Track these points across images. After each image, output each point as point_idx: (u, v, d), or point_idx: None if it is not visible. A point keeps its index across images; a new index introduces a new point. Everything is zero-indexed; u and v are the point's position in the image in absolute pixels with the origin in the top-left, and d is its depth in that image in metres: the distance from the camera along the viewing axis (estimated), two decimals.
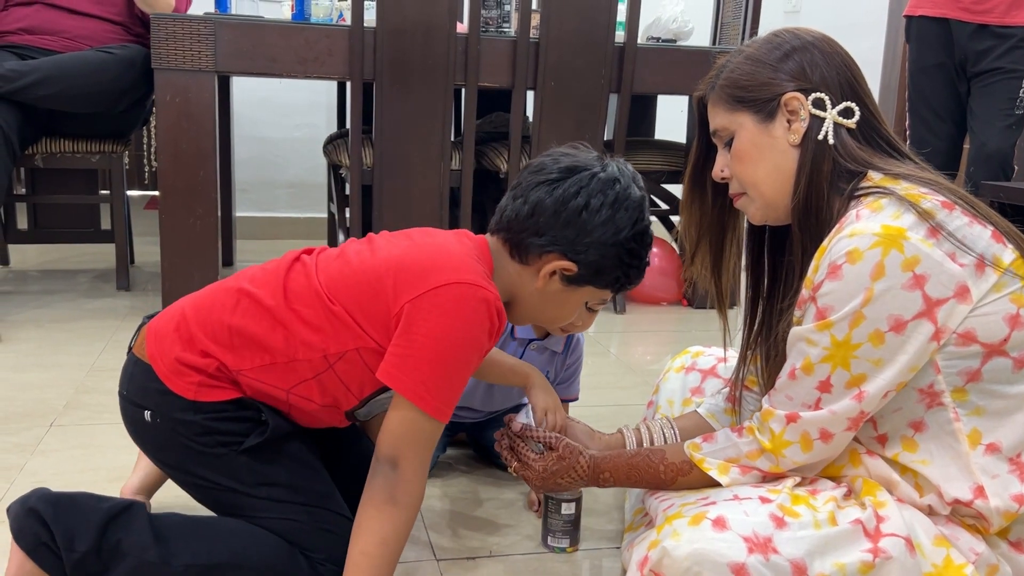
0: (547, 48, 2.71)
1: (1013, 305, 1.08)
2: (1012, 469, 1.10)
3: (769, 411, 1.16)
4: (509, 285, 1.22)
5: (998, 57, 2.50)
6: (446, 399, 1.12)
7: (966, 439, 1.10)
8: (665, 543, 1.05)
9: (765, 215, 1.24)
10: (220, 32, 2.50)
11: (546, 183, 1.18)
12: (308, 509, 1.18)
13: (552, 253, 1.18)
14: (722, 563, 1.01)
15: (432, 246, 1.17)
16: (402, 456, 1.11)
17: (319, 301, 1.14)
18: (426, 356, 1.09)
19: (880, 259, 1.05)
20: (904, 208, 1.08)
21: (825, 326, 1.09)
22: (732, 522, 1.05)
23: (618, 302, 2.98)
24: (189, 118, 2.53)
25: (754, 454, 1.17)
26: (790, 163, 1.18)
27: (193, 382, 1.15)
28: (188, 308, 1.20)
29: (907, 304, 1.06)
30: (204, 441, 1.15)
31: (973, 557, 1.09)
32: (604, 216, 1.17)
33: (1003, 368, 1.09)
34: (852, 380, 1.09)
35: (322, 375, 1.16)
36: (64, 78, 2.48)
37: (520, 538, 1.42)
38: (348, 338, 1.13)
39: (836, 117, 1.16)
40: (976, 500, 1.09)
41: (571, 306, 1.25)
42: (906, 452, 1.13)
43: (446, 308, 1.09)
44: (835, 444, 1.13)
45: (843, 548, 1.05)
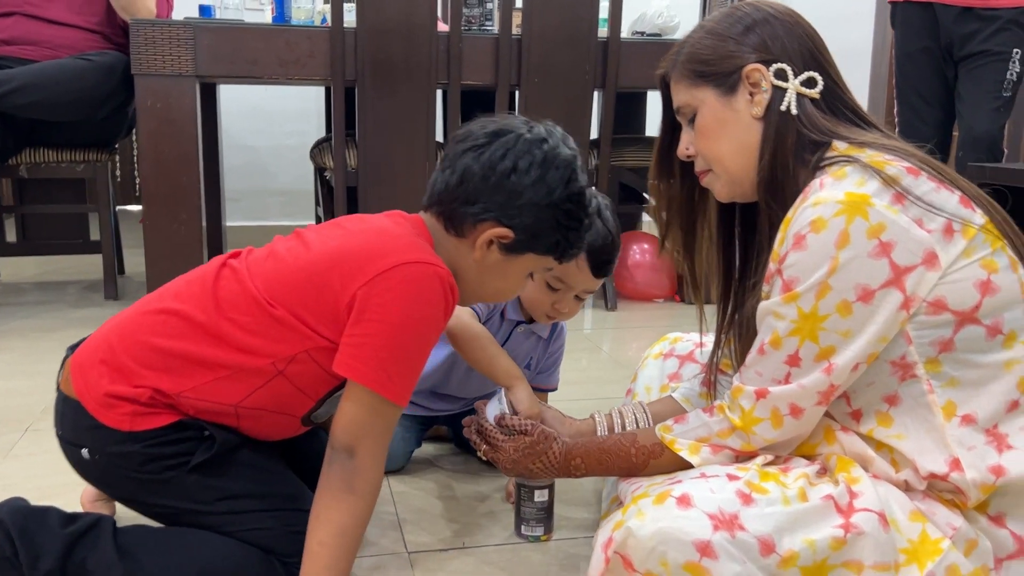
0: (530, 45, 2.70)
1: (984, 271, 1.05)
2: (989, 440, 1.06)
3: (739, 388, 1.13)
4: (449, 262, 1.16)
5: (984, 40, 2.47)
6: (406, 383, 1.09)
7: (940, 411, 1.07)
8: (629, 523, 1.02)
9: (731, 191, 1.22)
10: (200, 36, 2.50)
11: (472, 149, 1.14)
12: (275, 514, 1.13)
13: (486, 221, 1.13)
14: (687, 541, 0.98)
15: (370, 231, 1.13)
16: (359, 444, 1.08)
17: (257, 306, 1.09)
18: (383, 342, 1.06)
19: (845, 227, 1.03)
20: (868, 175, 1.05)
21: (791, 298, 1.06)
22: (697, 499, 1.02)
23: (609, 299, 2.95)
24: (170, 124, 2.53)
25: (725, 432, 1.14)
26: (754, 137, 1.16)
27: (126, 413, 1.09)
28: (113, 336, 1.13)
29: (874, 272, 1.03)
30: (149, 469, 1.10)
31: (950, 532, 1.05)
32: (534, 176, 1.12)
33: (976, 337, 1.06)
34: (821, 353, 1.06)
35: (272, 382, 1.11)
36: (43, 86, 2.47)
37: (495, 529, 1.39)
38: (295, 340, 1.09)
39: (799, 87, 1.14)
40: (952, 473, 1.05)
41: (514, 277, 1.20)
42: (881, 427, 1.10)
43: (398, 290, 1.06)
44: (806, 419, 1.10)
45: (813, 524, 1.02)
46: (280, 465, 1.20)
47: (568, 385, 1.70)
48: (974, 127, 2.47)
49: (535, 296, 1.47)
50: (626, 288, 3.08)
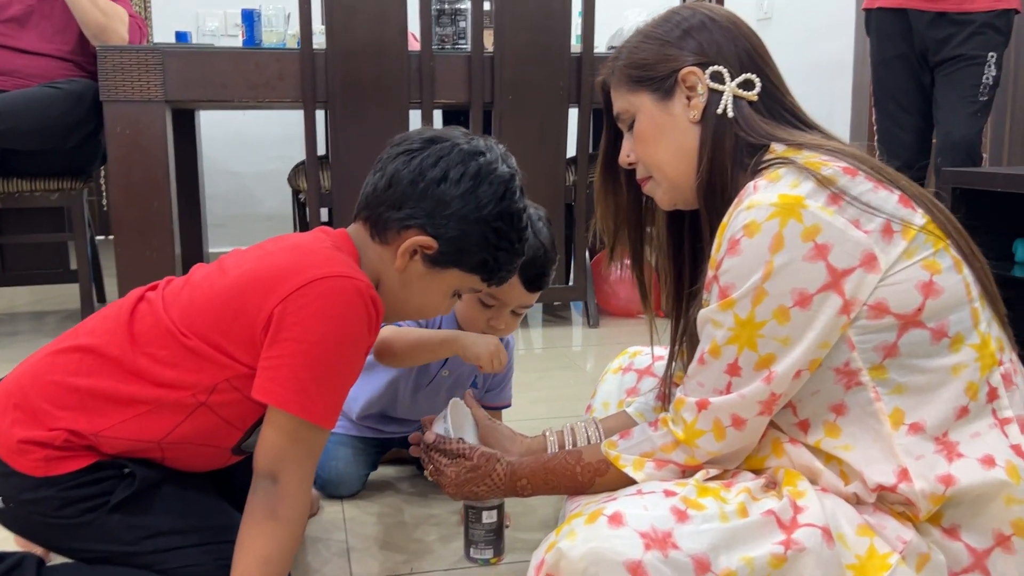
0: (502, 62, 2.68)
1: (926, 272, 1.02)
2: (939, 449, 1.02)
3: (681, 400, 1.10)
4: (372, 272, 1.12)
5: (959, 44, 2.44)
6: (330, 404, 1.03)
7: (888, 419, 1.03)
8: (560, 544, 0.98)
9: (672, 198, 1.19)
10: (168, 61, 2.49)
11: (405, 153, 1.11)
12: (205, 548, 1.08)
13: (411, 228, 1.10)
14: (617, 562, 0.94)
15: (288, 249, 1.09)
16: (283, 469, 1.03)
17: (172, 338, 1.05)
18: (301, 361, 1.00)
19: (778, 230, 0.99)
20: (803, 176, 1.02)
21: (728, 305, 1.03)
22: (629, 517, 0.97)
23: (591, 316, 2.92)
24: (140, 149, 2.51)
25: (668, 447, 1.11)
26: (692, 141, 1.13)
27: (39, 458, 1.04)
28: (26, 378, 1.08)
29: (810, 276, 0.99)
30: (67, 513, 1.05)
31: (900, 546, 1.01)
32: (464, 187, 1.09)
33: (920, 341, 1.02)
34: (760, 361, 1.02)
35: (195, 414, 1.06)
36: (10, 115, 2.46)
37: (445, 553, 1.35)
38: (214, 370, 1.04)
39: (736, 90, 1.11)
40: (900, 484, 1.01)
41: (436, 293, 1.16)
42: (828, 438, 1.06)
43: (315, 306, 1.00)
44: (749, 430, 1.07)
45: (752, 541, 0.97)
46: (208, 496, 1.16)
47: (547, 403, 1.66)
48: (952, 132, 2.43)
49: (469, 313, 1.43)
50: (609, 304, 3.05)
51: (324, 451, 1.52)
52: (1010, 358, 1.08)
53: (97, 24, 2.66)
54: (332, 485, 1.54)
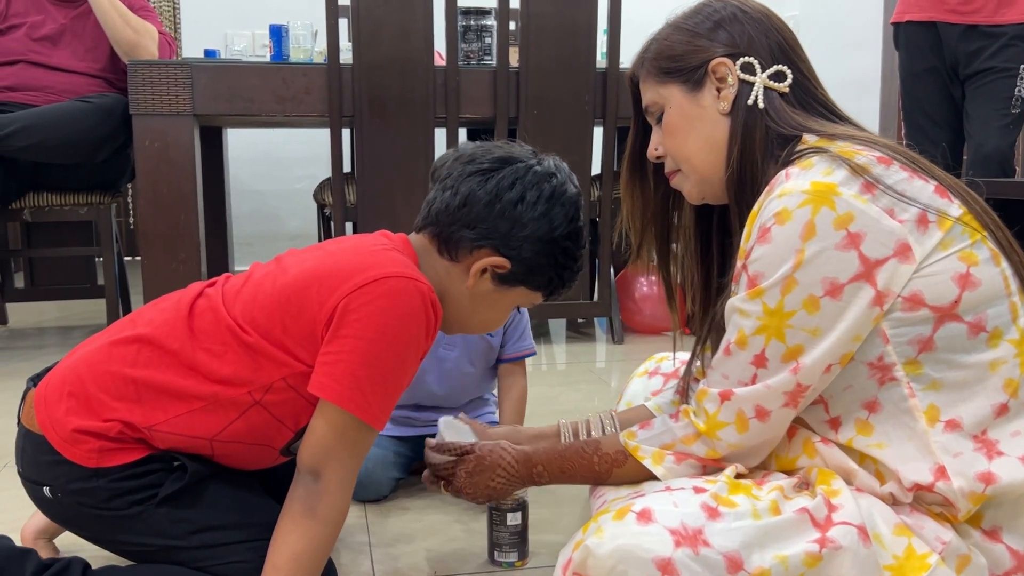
0: (528, 77, 2.68)
1: (962, 264, 0.99)
2: (978, 447, 0.99)
3: (703, 391, 1.07)
4: (436, 285, 1.10)
5: (990, 56, 2.41)
6: (383, 404, 1.02)
7: (923, 416, 1.00)
8: (588, 541, 0.95)
9: (701, 191, 1.17)
10: (197, 76, 2.51)
11: (479, 173, 1.10)
12: (252, 545, 1.06)
13: (484, 248, 1.10)
14: (647, 559, 0.91)
15: (351, 249, 1.08)
16: (326, 466, 1.01)
17: (231, 335, 1.04)
18: (359, 359, 1.00)
19: (810, 218, 0.97)
20: (836, 164, 1.00)
21: (757, 294, 1.01)
22: (658, 514, 0.95)
23: (616, 332, 2.89)
24: (168, 163, 2.53)
25: (689, 438, 1.08)
26: (721, 133, 1.11)
27: (93, 449, 1.04)
28: (82, 366, 1.08)
29: (842, 266, 0.97)
30: (116, 505, 1.04)
31: (940, 546, 0.97)
32: (540, 210, 1.09)
33: (957, 335, 0.99)
34: (788, 352, 1.00)
35: (249, 412, 1.06)
36: (42, 128, 2.49)
37: (470, 556, 1.33)
38: (271, 368, 1.04)
39: (767, 81, 1.10)
40: (938, 482, 0.98)
41: (502, 309, 1.17)
42: (860, 436, 1.03)
43: (377, 304, 1.00)
44: (773, 423, 1.03)
45: (786, 539, 0.94)
46: (256, 493, 1.14)
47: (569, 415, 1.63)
48: (983, 145, 2.40)
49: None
50: (633, 321, 3.02)
51: None
52: None
53: (128, 41, 2.70)
54: (360, 486, 1.52)
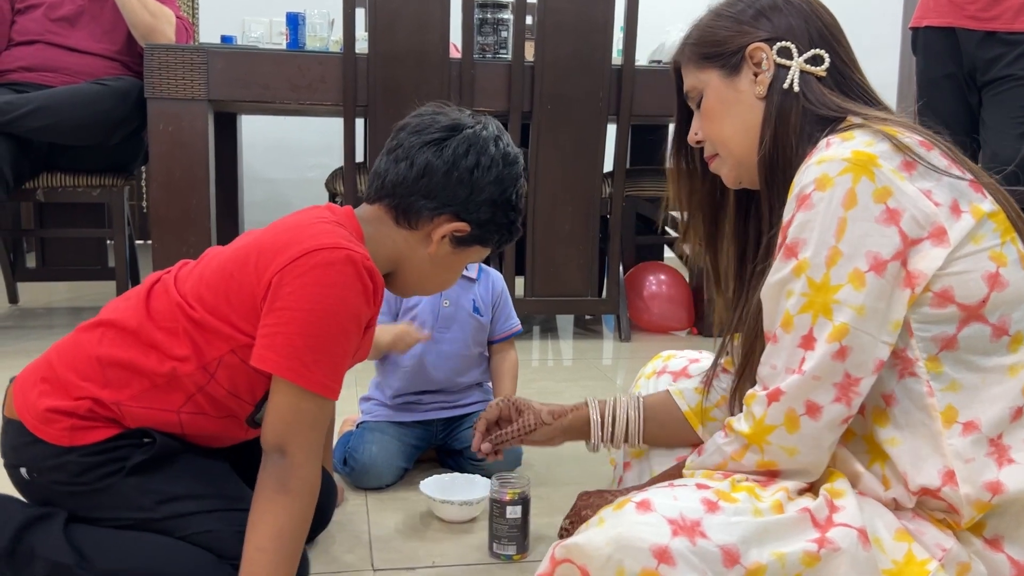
0: (543, 72, 2.68)
1: (992, 263, 0.98)
2: (990, 452, 0.98)
3: (751, 394, 1.04)
4: (393, 253, 1.16)
5: (1008, 64, 2.39)
6: (327, 372, 1.04)
7: (940, 416, 0.99)
8: (588, 531, 0.95)
9: (738, 175, 1.17)
10: (213, 61, 2.52)
11: (433, 143, 1.13)
12: (220, 515, 1.09)
13: (444, 215, 1.14)
14: (644, 548, 0.91)
15: (291, 224, 1.11)
16: (288, 442, 1.03)
17: (180, 312, 1.08)
18: (296, 329, 1.02)
19: (851, 186, 0.96)
20: (878, 137, 0.99)
21: (801, 269, 0.99)
22: (658, 505, 0.94)
23: (623, 330, 2.88)
24: (181, 147, 2.54)
25: (738, 453, 1.04)
26: (756, 117, 1.11)
27: (65, 427, 1.08)
28: (53, 355, 1.14)
29: (883, 241, 0.96)
30: (87, 479, 1.08)
31: (940, 553, 0.97)
32: (495, 174, 1.14)
33: (980, 336, 0.98)
34: (835, 332, 0.96)
35: (206, 387, 1.09)
36: (57, 109, 2.50)
37: (469, 548, 1.33)
38: (219, 342, 1.07)
39: (803, 65, 1.09)
40: (944, 487, 0.97)
41: (458, 269, 1.24)
42: (877, 426, 1.02)
43: (310, 275, 1.02)
44: (825, 421, 0.99)
45: (785, 537, 0.94)
46: (222, 467, 1.17)
47: None
48: (998, 153, 2.38)
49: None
50: (642, 320, 3.01)
51: (360, 437, 1.54)
52: None
53: (145, 24, 2.70)
54: (365, 472, 1.53)
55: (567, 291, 2.84)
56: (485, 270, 1.69)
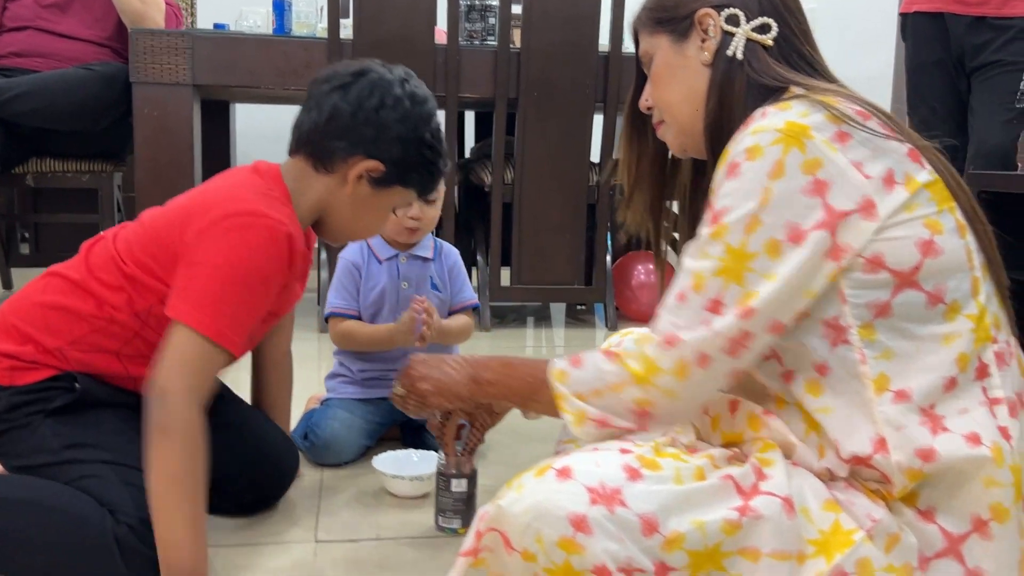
0: (529, 59, 2.67)
1: (927, 230, 0.97)
2: (923, 420, 0.96)
3: (645, 336, 1.02)
4: (317, 201, 1.21)
5: (997, 49, 2.35)
6: (228, 323, 1.09)
7: (872, 384, 0.97)
8: (506, 499, 0.94)
9: (683, 143, 1.15)
10: (198, 46, 2.53)
11: (339, 88, 1.18)
12: (112, 466, 1.13)
13: (356, 155, 1.18)
14: (561, 516, 0.90)
15: (218, 185, 1.19)
16: (170, 383, 1.06)
17: (115, 265, 1.16)
18: (203, 282, 1.09)
19: (780, 156, 0.95)
20: (814, 108, 0.98)
21: (719, 233, 0.98)
22: (578, 472, 0.93)
23: (610, 319, 2.87)
24: (167, 132, 2.55)
25: (620, 385, 1.02)
26: (702, 84, 1.09)
27: (5, 368, 1.15)
28: (6, 307, 1.22)
29: (806, 212, 0.95)
30: (13, 416, 1.14)
31: (869, 524, 0.95)
32: (401, 111, 1.18)
33: (915, 303, 0.97)
34: (744, 297, 0.96)
35: (141, 332, 1.17)
36: (43, 94, 2.51)
37: (415, 523, 1.32)
38: (148, 293, 1.15)
39: (749, 33, 1.07)
40: (876, 455, 0.95)
41: (382, 211, 1.26)
42: (809, 395, 1.00)
43: (226, 236, 1.09)
44: (713, 373, 0.98)
45: (707, 505, 0.92)
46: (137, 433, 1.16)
47: None
48: (986, 140, 2.34)
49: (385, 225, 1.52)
50: (630, 309, 3.00)
51: (323, 413, 1.54)
52: (1006, 339, 1.02)
53: (135, 11, 2.71)
54: (325, 448, 1.53)
55: (554, 279, 2.83)
56: (440, 244, 1.71)
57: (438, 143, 1.23)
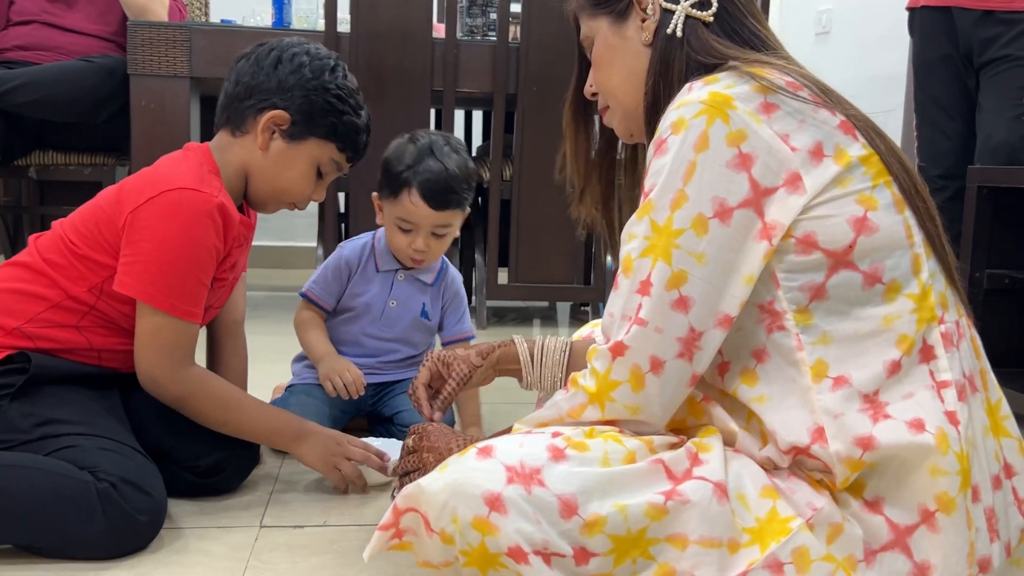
0: (528, 53, 2.64)
1: (860, 207, 0.92)
2: (864, 408, 0.91)
3: (593, 349, 0.98)
4: (239, 165, 1.28)
5: (1006, 44, 2.28)
6: (181, 295, 1.18)
7: (809, 371, 0.92)
8: (429, 476, 0.91)
9: (628, 127, 1.12)
10: (195, 38, 2.53)
11: (244, 57, 1.29)
12: (87, 436, 1.14)
13: (264, 110, 1.24)
14: (476, 494, 0.86)
15: (154, 167, 1.26)
16: (153, 368, 1.19)
17: (64, 245, 1.22)
18: (150, 257, 1.16)
19: (704, 128, 0.91)
20: (741, 79, 0.94)
21: (645, 210, 0.94)
22: (499, 451, 0.90)
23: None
24: (164, 124, 2.56)
25: (577, 409, 0.97)
26: (642, 65, 1.06)
27: None
28: None
29: (732, 187, 0.91)
30: None
31: (809, 513, 0.90)
32: (297, 63, 1.25)
33: (851, 284, 0.92)
34: (673, 278, 0.91)
35: (97, 305, 1.22)
36: (43, 85, 2.53)
37: (366, 512, 1.29)
38: (98, 268, 1.20)
39: (688, 9, 1.03)
40: (814, 445, 0.91)
41: (301, 165, 1.28)
42: (744, 385, 0.96)
43: (162, 212, 1.17)
44: (667, 377, 0.93)
45: (632, 488, 0.88)
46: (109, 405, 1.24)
47: None
48: (992, 136, 2.27)
49: (392, 240, 1.55)
50: None
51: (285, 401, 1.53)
52: (955, 320, 0.96)
53: (138, 6, 2.72)
54: None
55: (552, 278, 2.79)
56: (445, 270, 1.65)
57: (347, 95, 1.28)
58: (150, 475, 1.14)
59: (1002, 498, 0.95)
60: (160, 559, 1.12)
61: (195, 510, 1.27)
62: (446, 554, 0.90)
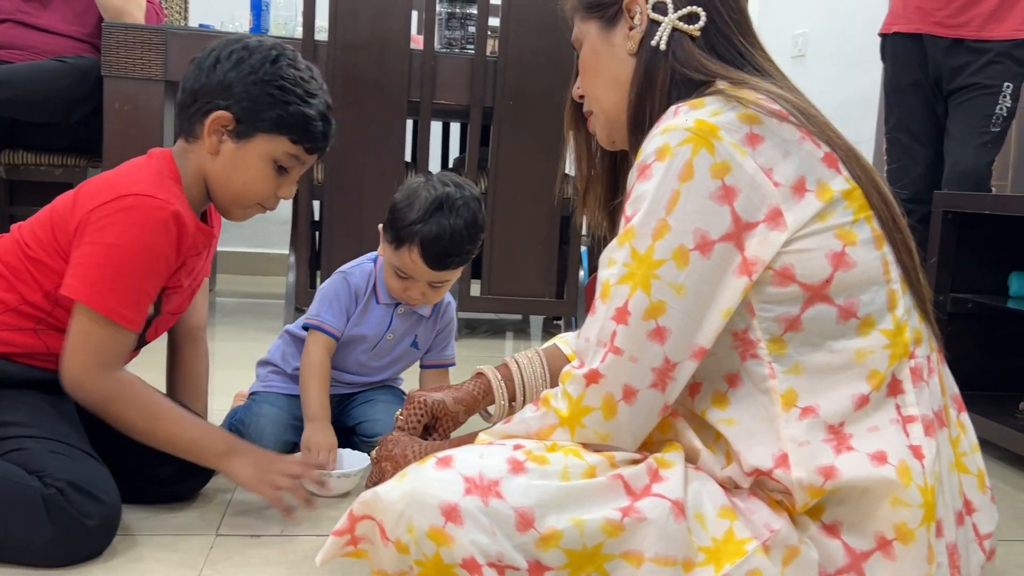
0: (505, 67, 2.65)
1: (838, 241, 0.93)
2: (828, 438, 0.92)
3: (567, 372, 0.97)
4: (196, 172, 1.25)
5: (974, 72, 2.33)
6: (122, 301, 1.15)
7: (780, 399, 0.93)
8: (387, 484, 0.91)
9: (610, 134, 1.12)
10: (171, 42, 2.52)
11: (190, 63, 1.26)
12: (37, 439, 1.13)
13: (209, 113, 1.22)
14: (433, 504, 0.86)
15: (113, 171, 1.24)
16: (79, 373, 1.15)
17: (20, 249, 1.20)
18: (97, 261, 1.14)
19: (689, 157, 0.91)
20: (727, 107, 0.94)
21: (627, 236, 0.94)
22: (458, 461, 0.90)
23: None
24: (137, 127, 2.53)
25: (547, 430, 0.96)
26: (626, 73, 1.06)
27: None
28: None
29: (715, 220, 0.91)
30: None
31: (766, 534, 0.91)
32: (236, 58, 1.22)
33: (826, 318, 0.93)
34: (651, 308, 0.91)
35: (54, 312, 1.19)
36: (14, 83, 2.50)
37: (326, 522, 1.28)
38: (52, 274, 1.18)
39: (676, 22, 1.03)
40: (777, 469, 0.91)
41: (254, 166, 1.24)
42: (715, 408, 0.96)
43: (114, 217, 1.14)
44: (640, 406, 0.93)
45: (590, 504, 0.88)
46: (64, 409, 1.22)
47: None
48: (959, 163, 2.31)
49: (388, 281, 1.52)
50: None
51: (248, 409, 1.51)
52: (926, 354, 0.97)
53: (114, 7, 2.70)
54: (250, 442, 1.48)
55: (525, 291, 2.79)
56: (443, 303, 1.63)
57: (293, 84, 1.22)
58: (102, 479, 1.12)
59: (964, 534, 0.96)
60: (113, 566, 1.10)
61: (151, 518, 1.25)
62: (401, 563, 0.89)
